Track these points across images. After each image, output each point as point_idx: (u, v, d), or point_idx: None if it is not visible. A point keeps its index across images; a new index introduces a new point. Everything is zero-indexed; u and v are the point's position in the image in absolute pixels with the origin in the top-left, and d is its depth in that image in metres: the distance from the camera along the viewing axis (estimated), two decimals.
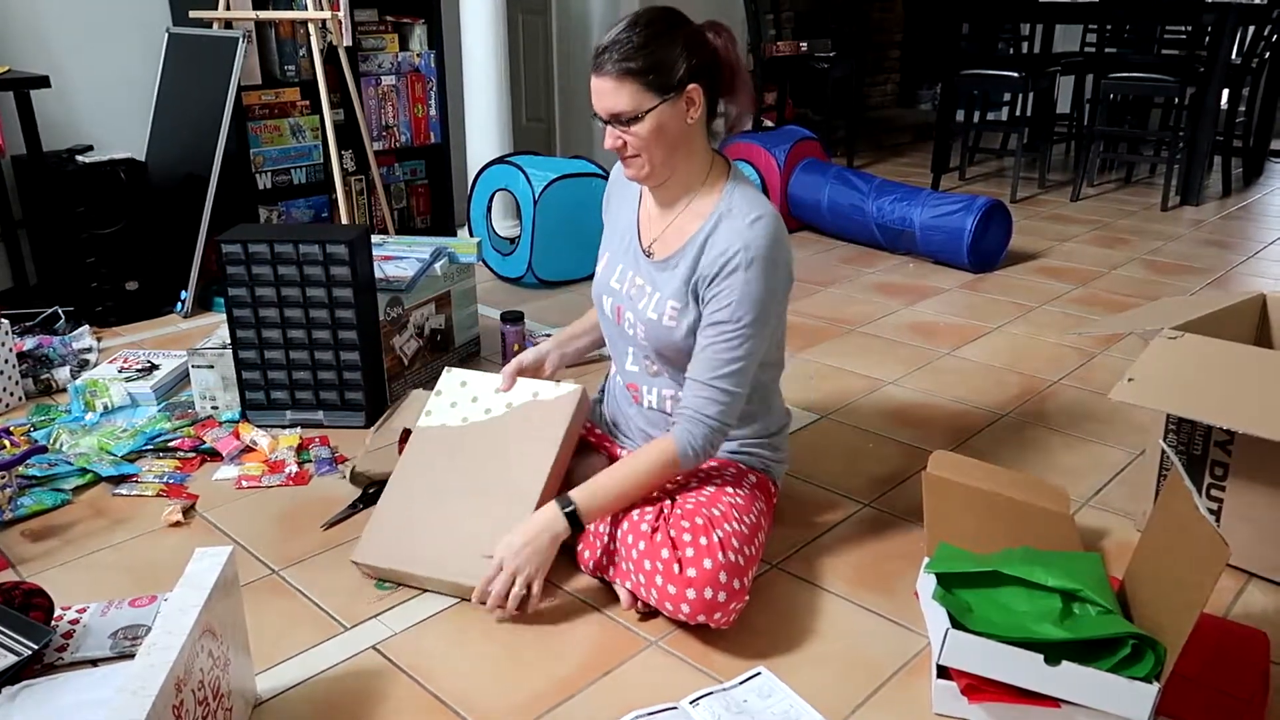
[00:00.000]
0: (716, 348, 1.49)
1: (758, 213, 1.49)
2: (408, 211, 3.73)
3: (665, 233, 1.59)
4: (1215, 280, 3.31)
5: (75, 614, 1.51)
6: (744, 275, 1.46)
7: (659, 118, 1.46)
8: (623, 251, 1.67)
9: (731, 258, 1.47)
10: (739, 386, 1.50)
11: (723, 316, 1.48)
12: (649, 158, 1.50)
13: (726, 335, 1.48)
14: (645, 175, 1.53)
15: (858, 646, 1.46)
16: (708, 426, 1.49)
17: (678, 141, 1.50)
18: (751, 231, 1.47)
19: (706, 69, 1.49)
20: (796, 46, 5.13)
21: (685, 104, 1.47)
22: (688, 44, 1.46)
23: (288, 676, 1.40)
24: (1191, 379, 1.56)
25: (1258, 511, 1.58)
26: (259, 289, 2.10)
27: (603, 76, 1.45)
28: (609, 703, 1.34)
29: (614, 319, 1.68)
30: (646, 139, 1.47)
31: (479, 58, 3.53)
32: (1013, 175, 4.53)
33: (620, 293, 1.65)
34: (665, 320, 1.56)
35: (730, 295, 1.47)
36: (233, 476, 1.97)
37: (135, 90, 3.19)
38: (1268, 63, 4.73)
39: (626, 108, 1.45)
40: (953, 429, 2.21)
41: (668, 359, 1.61)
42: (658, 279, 1.58)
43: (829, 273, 3.43)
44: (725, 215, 1.51)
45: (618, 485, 1.51)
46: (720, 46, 1.50)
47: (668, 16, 1.47)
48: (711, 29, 1.51)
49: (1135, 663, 1.22)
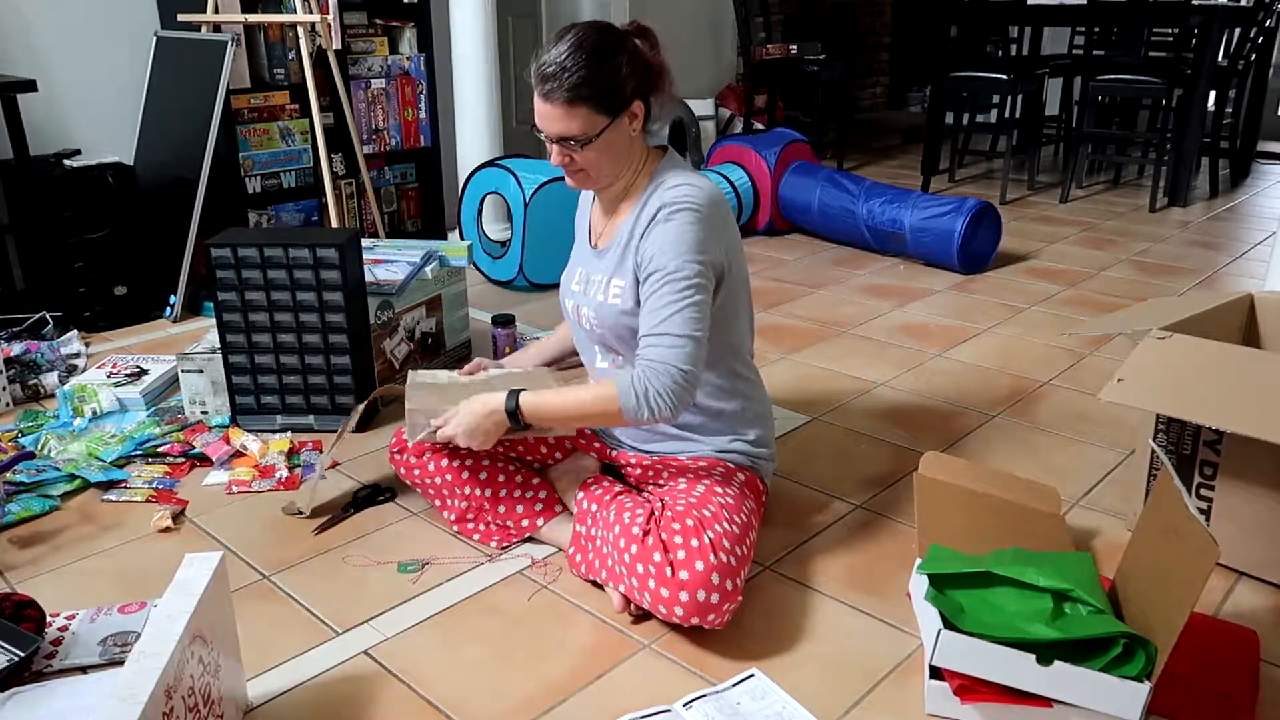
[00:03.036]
0: (654, 299, 1.49)
1: (682, 180, 1.53)
2: (398, 215, 3.73)
3: (607, 226, 1.65)
4: (1203, 281, 3.33)
5: (64, 621, 1.50)
6: (663, 226, 1.49)
7: (608, 137, 1.50)
8: (580, 256, 1.71)
9: (653, 216, 1.51)
10: (686, 329, 1.46)
11: (652, 267, 1.50)
12: (597, 172, 1.55)
13: (659, 283, 1.49)
14: (590, 184, 1.59)
15: (850, 648, 1.46)
16: (654, 370, 1.46)
17: (622, 152, 1.54)
18: (673, 193, 1.51)
19: (646, 81, 1.52)
20: (786, 49, 5.15)
21: (628, 118, 1.51)
22: (630, 62, 1.48)
23: (279, 682, 1.39)
24: (1180, 379, 1.56)
25: (1247, 510, 1.59)
26: (249, 293, 2.09)
27: (552, 103, 1.47)
28: (601, 706, 1.34)
29: (576, 319, 1.71)
30: (596, 157, 1.51)
31: (469, 61, 3.53)
32: (1002, 177, 4.55)
33: (579, 293, 1.68)
34: (610, 299, 1.59)
35: (654, 247, 1.49)
36: (223, 481, 1.96)
37: (123, 94, 3.18)
38: (1254, 64, 4.76)
39: (578, 132, 1.48)
40: (944, 430, 2.21)
41: (624, 341, 1.61)
42: (602, 265, 1.62)
43: (819, 275, 3.43)
44: (655, 191, 1.55)
45: (559, 404, 1.53)
46: (650, 54, 1.53)
47: (607, 36, 1.48)
48: (639, 35, 1.52)
49: (1126, 662, 1.22)
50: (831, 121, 5.42)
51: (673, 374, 1.45)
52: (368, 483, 1.93)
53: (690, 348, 1.46)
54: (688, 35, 5.22)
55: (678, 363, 1.45)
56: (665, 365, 1.45)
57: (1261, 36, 4.55)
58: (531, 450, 1.80)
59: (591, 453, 1.79)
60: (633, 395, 1.46)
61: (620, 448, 1.76)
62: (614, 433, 1.78)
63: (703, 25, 5.30)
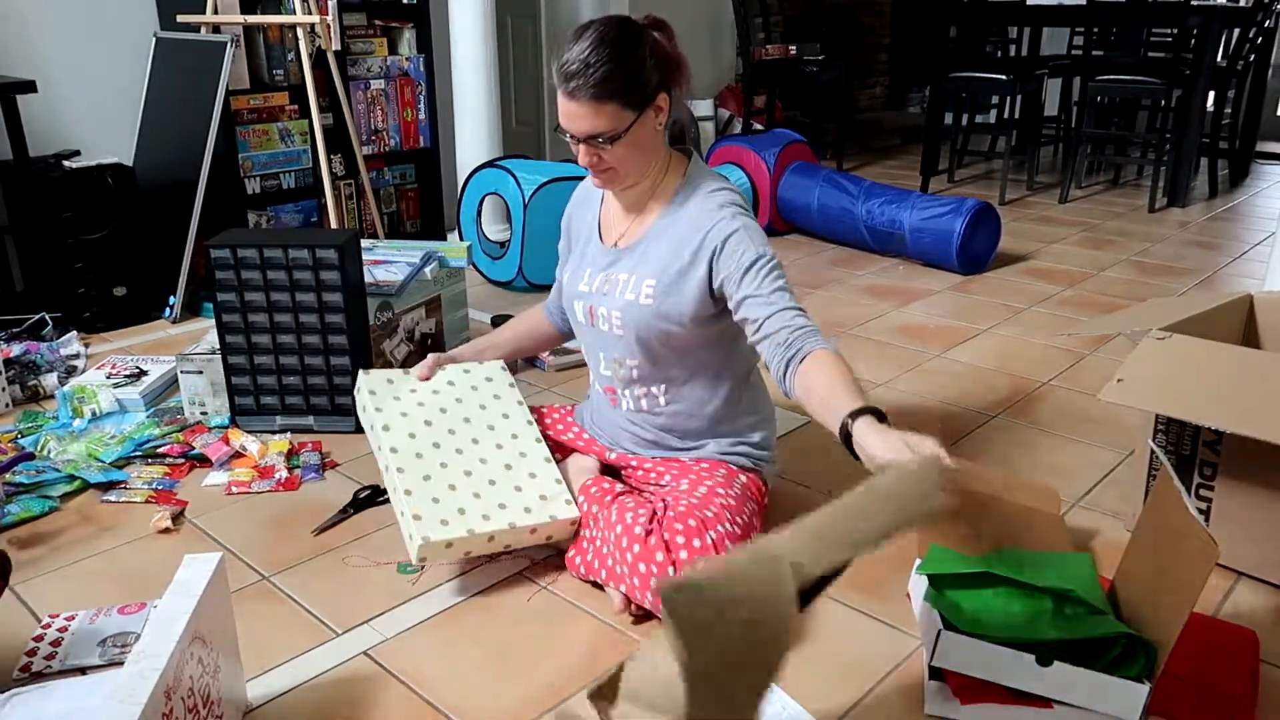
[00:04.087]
0: (768, 282, 1.47)
1: (719, 183, 1.58)
2: (397, 216, 3.73)
3: (631, 226, 1.63)
4: (1202, 281, 3.33)
5: (64, 622, 1.50)
6: (742, 222, 1.52)
7: (636, 132, 1.49)
8: (589, 257, 1.69)
9: (723, 218, 1.52)
10: (795, 303, 1.48)
11: (750, 258, 1.48)
12: (625, 169, 1.53)
13: (766, 269, 1.48)
14: (619, 183, 1.57)
15: (850, 649, 1.46)
16: (808, 329, 1.45)
17: (650, 148, 1.54)
18: (726, 195, 1.55)
19: (668, 73, 1.51)
20: (786, 50, 5.15)
21: (653, 112, 1.51)
22: (653, 56, 1.48)
23: (278, 683, 1.39)
24: (1180, 379, 1.56)
25: (1246, 511, 1.59)
26: (248, 294, 2.09)
27: (578, 101, 1.45)
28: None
29: (587, 321, 1.68)
30: (624, 153, 1.50)
31: (468, 61, 3.53)
32: (1001, 177, 4.55)
33: (591, 293, 1.66)
34: (642, 299, 1.58)
35: (743, 242, 1.50)
36: (222, 482, 1.96)
37: (123, 95, 3.18)
38: (1253, 65, 4.76)
39: (606, 129, 1.47)
40: (943, 430, 2.21)
41: (644, 343, 1.60)
42: (630, 264, 1.60)
43: (819, 275, 3.43)
44: (692, 193, 1.57)
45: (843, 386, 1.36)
46: (670, 46, 1.52)
47: (628, 28, 1.47)
48: (656, 28, 1.52)
49: (1126, 662, 1.23)
50: (831, 122, 5.42)
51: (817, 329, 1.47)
52: (367, 483, 1.93)
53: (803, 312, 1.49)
54: (687, 35, 5.18)
55: (811, 322, 1.47)
56: (810, 325, 1.46)
57: (1260, 37, 4.56)
58: None
59: (591, 453, 1.79)
60: (832, 348, 1.42)
61: (620, 449, 1.76)
62: (608, 434, 1.77)
63: (702, 25, 5.31)
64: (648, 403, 1.67)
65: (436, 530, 1.49)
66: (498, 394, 1.78)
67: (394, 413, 1.68)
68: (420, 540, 1.47)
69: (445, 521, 1.50)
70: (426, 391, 1.74)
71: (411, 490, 1.54)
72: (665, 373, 1.64)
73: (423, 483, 1.56)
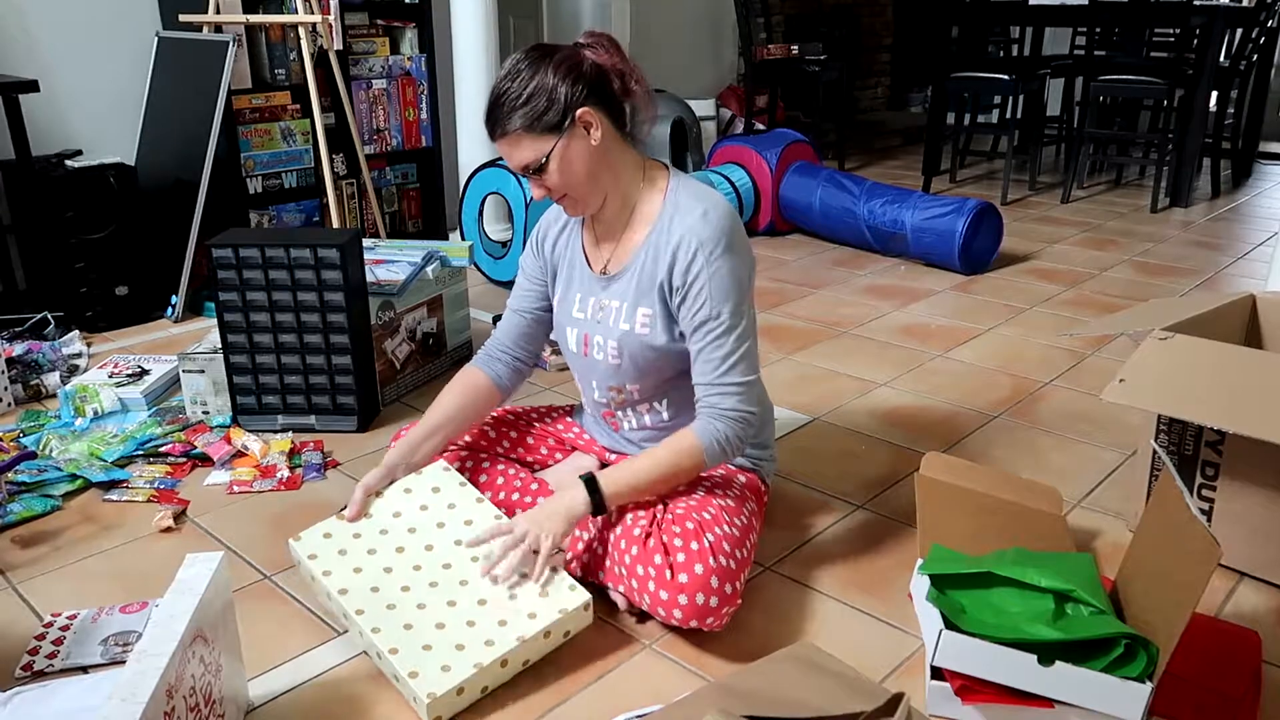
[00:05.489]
0: (710, 348, 1.49)
1: (704, 205, 1.49)
2: (399, 215, 3.73)
3: (617, 250, 1.59)
4: (1205, 281, 3.32)
5: (66, 620, 1.50)
6: (709, 271, 1.46)
7: (561, 155, 1.45)
8: (578, 282, 1.64)
9: (693, 258, 1.46)
10: (748, 374, 1.50)
11: (704, 315, 1.48)
12: (575, 194, 1.50)
13: (715, 332, 1.48)
14: (582, 208, 1.53)
15: (851, 648, 1.46)
16: (728, 420, 1.48)
17: (594, 167, 1.48)
18: (705, 226, 1.47)
19: (591, 87, 1.45)
20: (787, 50, 5.14)
21: (583, 129, 1.45)
22: (559, 73, 1.43)
23: (280, 682, 1.40)
24: (1182, 380, 1.56)
25: (1248, 511, 1.59)
26: (250, 293, 2.09)
27: (498, 139, 1.46)
28: (602, 706, 1.34)
29: (580, 351, 1.65)
30: (562, 179, 1.47)
31: (470, 61, 3.53)
32: (1003, 177, 4.55)
33: (585, 320, 1.63)
34: (638, 328, 1.56)
35: (703, 293, 1.47)
36: (224, 481, 1.96)
37: (125, 94, 3.18)
38: (1255, 65, 4.76)
39: (530, 159, 1.45)
40: (945, 431, 2.21)
41: (642, 371, 1.59)
42: (620, 291, 1.57)
43: (820, 275, 3.43)
44: (675, 214, 1.51)
45: (645, 475, 1.50)
46: (598, 59, 1.47)
47: (536, 55, 1.45)
48: (586, 42, 1.49)
49: (1128, 663, 1.22)
50: (832, 122, 5.42)
51: (745, 419, 1.50)
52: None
53: (752, 392, 1.51)
54: (688, 35, 5.22)
55: (746, 408, 1.50)
56: (737, 413, 1.49)
57: (1263, 37, 4.55)
58: (531, 451, 1.80)
59: (591, 454, 1.79)
60: (715, 446, 1.48)
61: (620, 450, 1.76)
62: (617, 444, 1.77)
63: (703, 25, 5.31)
64: (651, 418, 1.67)
65: (440, 681, 1.29)
66: (451, 503, 1.57)
67: (345, 571, 1.45)
68: (426, 699, 1.27)
69: (446, 667, 1.31)
70: (374, 533, 1.52)
71: (397, 648, 1.33)
72: (666, 389, 1.63)
73: (405, 634, 1.35)
